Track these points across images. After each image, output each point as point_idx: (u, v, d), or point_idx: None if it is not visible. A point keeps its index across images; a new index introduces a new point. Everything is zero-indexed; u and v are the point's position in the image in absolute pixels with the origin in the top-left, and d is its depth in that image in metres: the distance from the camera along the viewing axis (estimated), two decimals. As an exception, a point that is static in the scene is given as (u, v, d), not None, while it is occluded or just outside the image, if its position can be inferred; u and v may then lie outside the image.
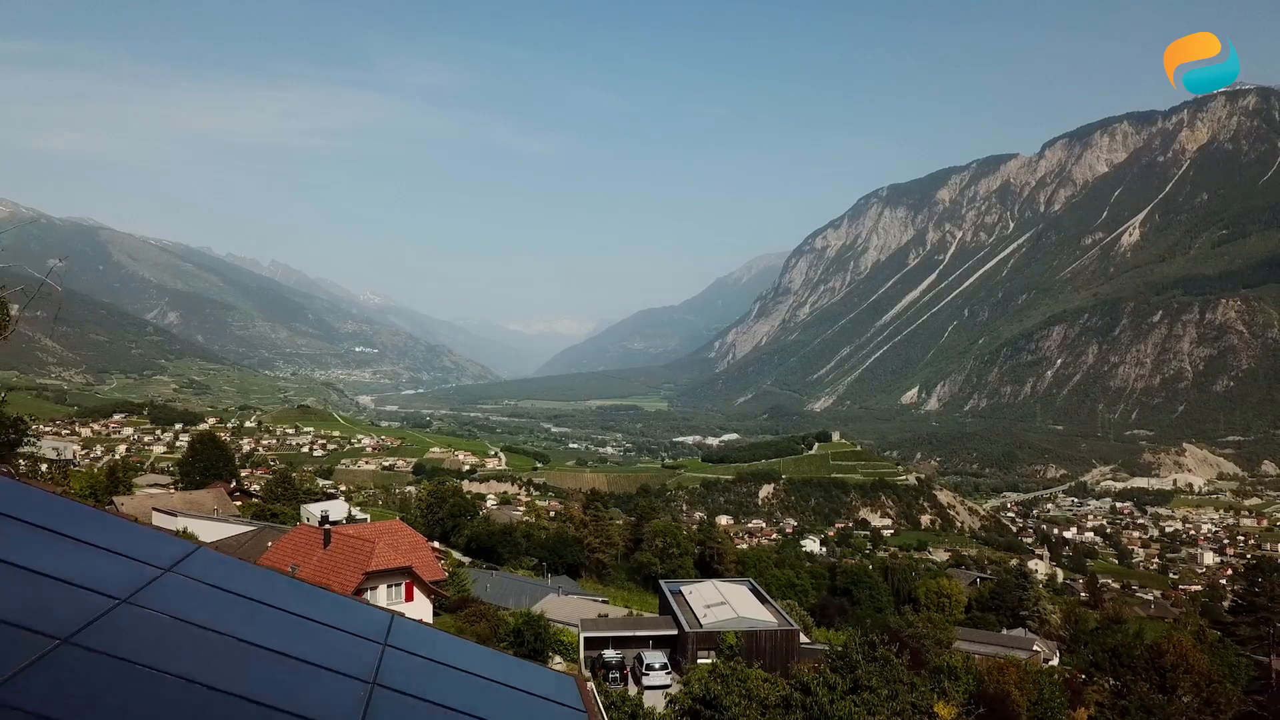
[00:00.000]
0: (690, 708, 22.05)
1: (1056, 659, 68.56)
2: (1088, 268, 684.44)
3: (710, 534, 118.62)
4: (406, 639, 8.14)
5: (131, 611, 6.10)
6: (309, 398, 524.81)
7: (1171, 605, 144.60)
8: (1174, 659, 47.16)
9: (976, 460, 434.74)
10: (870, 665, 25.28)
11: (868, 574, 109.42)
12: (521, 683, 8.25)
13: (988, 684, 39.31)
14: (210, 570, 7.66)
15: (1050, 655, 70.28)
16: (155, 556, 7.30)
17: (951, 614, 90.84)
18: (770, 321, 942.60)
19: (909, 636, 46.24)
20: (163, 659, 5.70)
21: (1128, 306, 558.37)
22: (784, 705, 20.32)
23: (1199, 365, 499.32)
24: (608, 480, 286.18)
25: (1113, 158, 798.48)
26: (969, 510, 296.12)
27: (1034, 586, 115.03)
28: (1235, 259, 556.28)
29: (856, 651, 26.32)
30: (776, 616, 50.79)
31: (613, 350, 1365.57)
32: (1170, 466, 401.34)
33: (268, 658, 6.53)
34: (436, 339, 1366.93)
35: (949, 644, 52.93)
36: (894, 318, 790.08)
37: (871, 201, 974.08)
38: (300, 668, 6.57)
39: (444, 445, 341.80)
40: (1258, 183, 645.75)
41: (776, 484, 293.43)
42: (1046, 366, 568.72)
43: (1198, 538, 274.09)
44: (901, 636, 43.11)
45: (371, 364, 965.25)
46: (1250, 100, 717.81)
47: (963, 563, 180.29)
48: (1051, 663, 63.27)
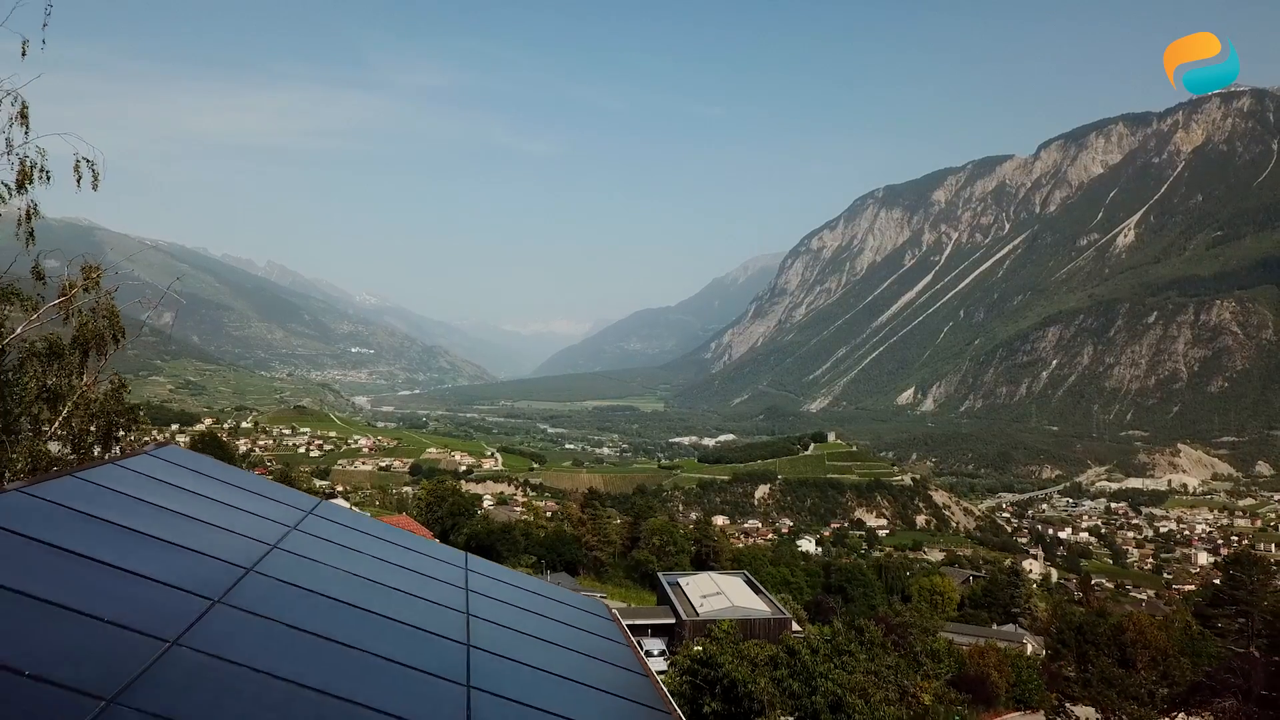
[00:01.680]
0: (689, 667, 24.10)
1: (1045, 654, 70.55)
2: (1083, 269, 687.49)
3: (706, 532, 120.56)
4: (481, 566, 11.36)
5: (296, 536, 9.61)
6: (305, 398, 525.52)
7: (1165, 605, 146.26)
8: (1134, 635, 49.61)
9: (972, 461, 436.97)
10: (850, 633, 27.36)
11: (862, 572, 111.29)
12: (567, 598, 11.41)
13: (969, 666, 41.21)
14: (335, 513, 10.98)
15: (1040, 650, 72.19)
16: (300, 502, 10.87)
17: (944, 610, 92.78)
18: (766, 322, 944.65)
19: (896, 624, 48.09)
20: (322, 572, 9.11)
21: (1123, 307, 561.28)
22: (771, 663, 22.36)
23: (1194, 366, 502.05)
24: (604, 481, 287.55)
25: (1108, 159, 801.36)
26: (964, 510, 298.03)
27: (1025, 584, 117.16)
28: (1230, 260, 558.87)
29: (842, 633, 28.23)
30: (770, 606, 52.67)
31: (609, 351, 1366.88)
32: (1165, 467, 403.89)
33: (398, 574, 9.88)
34: (433, 339, 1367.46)
35: (934, 631, 54.86)
36: (890, 319, 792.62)
37: (867, 202, 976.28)
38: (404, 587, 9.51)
39: (441, 446, 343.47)
40: (1252, 184, 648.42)
41: (772, 484, 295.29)
42: (1042, 367, 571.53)
43: (1192, 538, 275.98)
44: (888, 622, 44.95)
45: (367, 364, 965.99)
46: (1245, 102, 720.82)
47: (957, 562, 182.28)
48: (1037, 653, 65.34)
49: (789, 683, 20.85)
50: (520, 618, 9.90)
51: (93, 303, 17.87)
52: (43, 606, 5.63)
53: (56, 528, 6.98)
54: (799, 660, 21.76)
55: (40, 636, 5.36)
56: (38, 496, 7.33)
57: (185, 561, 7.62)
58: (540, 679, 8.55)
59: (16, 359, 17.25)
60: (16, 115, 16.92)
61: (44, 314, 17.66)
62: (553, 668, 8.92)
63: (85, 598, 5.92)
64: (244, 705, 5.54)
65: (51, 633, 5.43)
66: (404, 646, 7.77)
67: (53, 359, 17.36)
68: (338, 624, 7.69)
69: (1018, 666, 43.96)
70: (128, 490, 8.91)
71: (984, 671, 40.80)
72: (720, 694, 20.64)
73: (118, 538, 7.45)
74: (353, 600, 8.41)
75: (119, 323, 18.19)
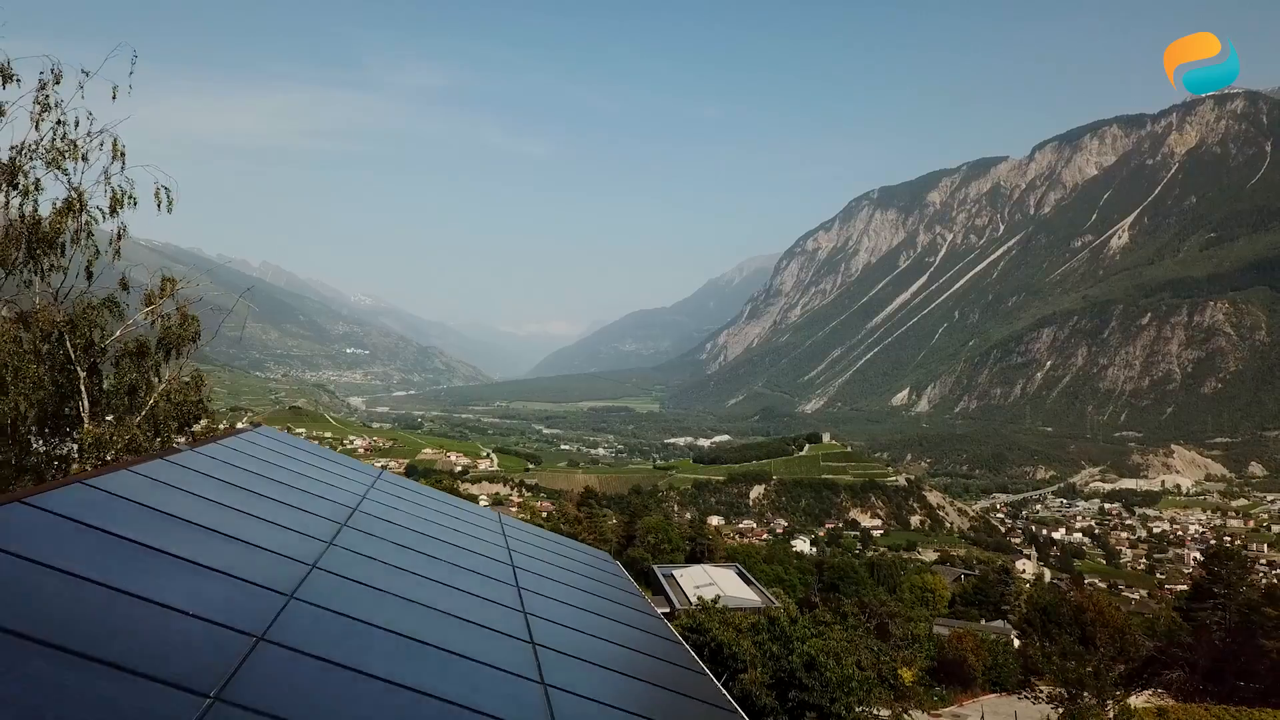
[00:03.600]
0: (681, 633, 26.06)
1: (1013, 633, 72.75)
2: (1077, 270, 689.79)
3: (701, 531, 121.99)
4: (513, 525, 13.94)
5: (375, 492, 12.80)
6: (300, 399, 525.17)
7: (1156, 604, 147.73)
8: (1093, 615, 51.83)
9: (966, 461, 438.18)
10: (832, 614, 29.47)
11: (854, 569, 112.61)
12: (579, 548, 13.13)
13: (947, 651, 43.11)
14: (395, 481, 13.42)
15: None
16: (369, 470, 13.86)
17: (935, 608, 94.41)
18: (761, 323, 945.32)
19: (879, 611, 49.84)
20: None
21: (1117, 309, 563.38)
22: (753, 629, 24.62)
23: (1187, 367, 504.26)
24: (600, 481, 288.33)
25: (1102, 160, 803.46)
26: (958, 511, 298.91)
27: (1016, 582, 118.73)
28: (1223, 262, 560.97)
29: (824, 611, 30.17)
30: (761, 596, 54.30)
31: (604, 352, 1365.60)
32: (1158, 468, 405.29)
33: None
34: (428, 340, 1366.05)
35: (918, 620, 56.74)
36: (885, 320, 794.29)
37: (862, 204, 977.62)
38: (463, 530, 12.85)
39: (436, 446, 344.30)
40: (1245, 186, 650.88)
41: (767, 485, 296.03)
42: (1036, 368, 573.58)
43: (1185, 538, 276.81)
44: (870, 609, 46.75)
45: (362, 365, 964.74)
46: (1238, 104, 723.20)
47: (949, 561, 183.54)
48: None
49: (769, 646, 23.13)
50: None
51: (172, 309, 21.32)
52: (215, 537, 7.95)
53: (205, 484, 9.52)
54: (778, 627, 24.17)
55: (219, 557, 7.43)
56: (174, 463, 9.49)
57: (299, 517, 10.10)
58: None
59: (113, 357, 20.53)
60: (111, 150, 19.64)
61: (132, 320, 21.15)
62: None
63: (240, 528, 8.29)
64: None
65: (230, 555, 7.68)
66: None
67: (141, 357, 20.59)
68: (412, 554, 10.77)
69: (994, 651, 46.06)
70: (257, 455, 12.22)
71: (961, 655, 42.87)
72: (709, 656, 22.69)
73: (247, 497, 9.89)
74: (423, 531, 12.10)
75: (197, 326, 21.84)
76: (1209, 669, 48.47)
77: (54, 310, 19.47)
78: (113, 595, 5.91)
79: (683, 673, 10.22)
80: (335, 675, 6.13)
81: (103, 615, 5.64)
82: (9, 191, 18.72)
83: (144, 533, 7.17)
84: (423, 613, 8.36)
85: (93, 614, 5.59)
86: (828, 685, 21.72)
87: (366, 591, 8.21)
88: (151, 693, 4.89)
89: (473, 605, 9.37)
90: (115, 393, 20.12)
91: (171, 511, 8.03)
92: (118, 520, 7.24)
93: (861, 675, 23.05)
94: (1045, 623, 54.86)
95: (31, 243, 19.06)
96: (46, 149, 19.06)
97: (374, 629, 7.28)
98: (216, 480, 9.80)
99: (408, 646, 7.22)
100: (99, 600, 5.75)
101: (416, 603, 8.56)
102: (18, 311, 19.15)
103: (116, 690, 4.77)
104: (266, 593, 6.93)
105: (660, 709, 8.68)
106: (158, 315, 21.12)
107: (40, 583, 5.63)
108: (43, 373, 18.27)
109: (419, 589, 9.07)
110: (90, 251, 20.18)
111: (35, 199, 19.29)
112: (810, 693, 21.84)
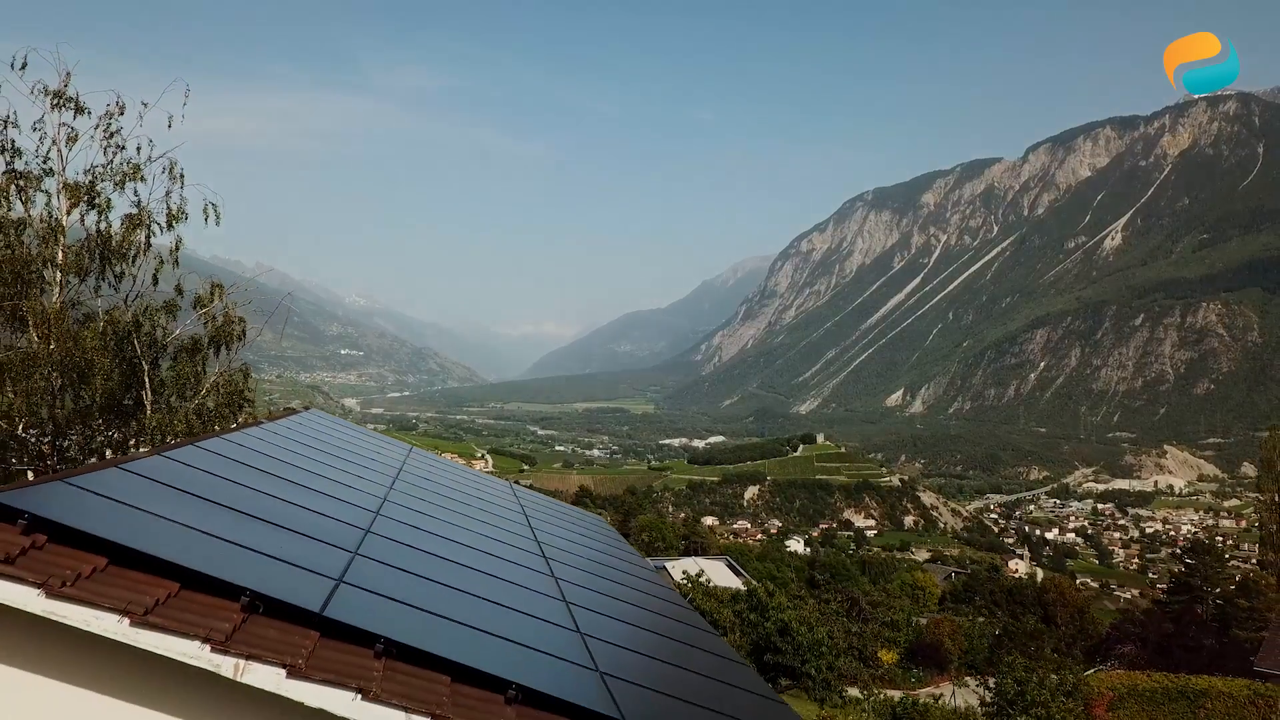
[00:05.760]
0: None
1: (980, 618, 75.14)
2: (1070, 271, 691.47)
3: (695, 529, 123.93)
4: (528, 494, 15.50)
5: (411, 462, 15.97)
6: (294, 400, 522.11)
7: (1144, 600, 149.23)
8: (1054, 596, 54.26)
9: (960, 462, 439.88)
10: (811, 597, 31.59)
11: (846, 566, 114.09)
12: (578, 512, 15.29)
13: (925, 636, 45.19)
14: (422, 455, 15.67)
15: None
16: (402, 448, 16.66)
17: (925, 604, 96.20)
18: (756, 324, 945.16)
19: (865, 602, 51.71)
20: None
21: (1110, 310, 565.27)
22: (733, 599, 26.71)
23: (1180, 368, 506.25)
24: (594, 482, 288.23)
25: (1095, 162, 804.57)
26: (952, 511, 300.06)
27: (1004, 579, 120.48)
28: (1216, 263, 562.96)
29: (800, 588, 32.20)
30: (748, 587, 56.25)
31: (599, 353, 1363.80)
32: (1151, 468, 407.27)
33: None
34: (423, 341, 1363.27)
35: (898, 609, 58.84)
36: (879, 321, 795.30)
37: (856, 205, 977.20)
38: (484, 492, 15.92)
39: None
40: (1238, 187, 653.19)
41: (761, 485, 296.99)
42: (1030, 369, 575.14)
43: (1177, 538, 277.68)
44: (852, 596, 48.74)
45: (357, 366, 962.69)
46: (1231, 105, 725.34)
47: (940, 559, 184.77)
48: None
49: (748, 615, 25.28)
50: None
51: (221, 311, 24.36)
52: (296, 488, 10.23)
53: (266, 459, 11.35)
54: (756, 598, 26.32)
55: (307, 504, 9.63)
56: (233, 443, 11.14)
57: (359, 478, 12.67)
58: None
59: (172, 353, 23.74)
60: (168, 172, 23.02)
61: (189, 320, 24.48)
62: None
63: (310, 499, 10.00)
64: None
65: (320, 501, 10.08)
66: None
67: (194, 353, 23.74)
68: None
69: (970, 636, 48.20)
70: (315, 432, 14.62)
71: (939, 640, 45.01)
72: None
73: (317, 466, 12.11)
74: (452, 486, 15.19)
75: (244, 325, 24.65)
76: (1158, 644, 52.51)
77: (123, 311, 22.63)
78: (256, 495, 8.81)
79: (685, 627, 12.41)
80: (415, 581, 8.28)
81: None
82: (85, 209, 21.81)
83: (256, 479, 9.67)
84: (469, 553, 10.73)
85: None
86: (799, 649, 23.96)
87: (419, 532, 10.58)
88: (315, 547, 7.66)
89: (501, 548, 11.92)
90: (173, 383, 23.27)
91: (260, 467, 10.45)
92: (226, 467, 9.64)
93: (831, 643, 25.11)
94: (1011, 603, 57.33)
95: (105, 253, 22.29)
96: (114, 171, 22.19)
97: (434, 556, 9.66)
98: (284, 450, 12.01)
99: (461, 569, 9.61)
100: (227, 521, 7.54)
101: (458, 543, 11.00)
102: (84, 313, 22.47)
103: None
104: (349, 527, 9.24)
105: (675, 656, 10.49)
106: (209, 317, 24.08)
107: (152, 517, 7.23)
108: (111, 365, 21.18)
109: (457, 531, 11.70)
110: (155, 262, 23.51)
111: (107, 216, 22.41)
112: (783, 655, 24.07)
